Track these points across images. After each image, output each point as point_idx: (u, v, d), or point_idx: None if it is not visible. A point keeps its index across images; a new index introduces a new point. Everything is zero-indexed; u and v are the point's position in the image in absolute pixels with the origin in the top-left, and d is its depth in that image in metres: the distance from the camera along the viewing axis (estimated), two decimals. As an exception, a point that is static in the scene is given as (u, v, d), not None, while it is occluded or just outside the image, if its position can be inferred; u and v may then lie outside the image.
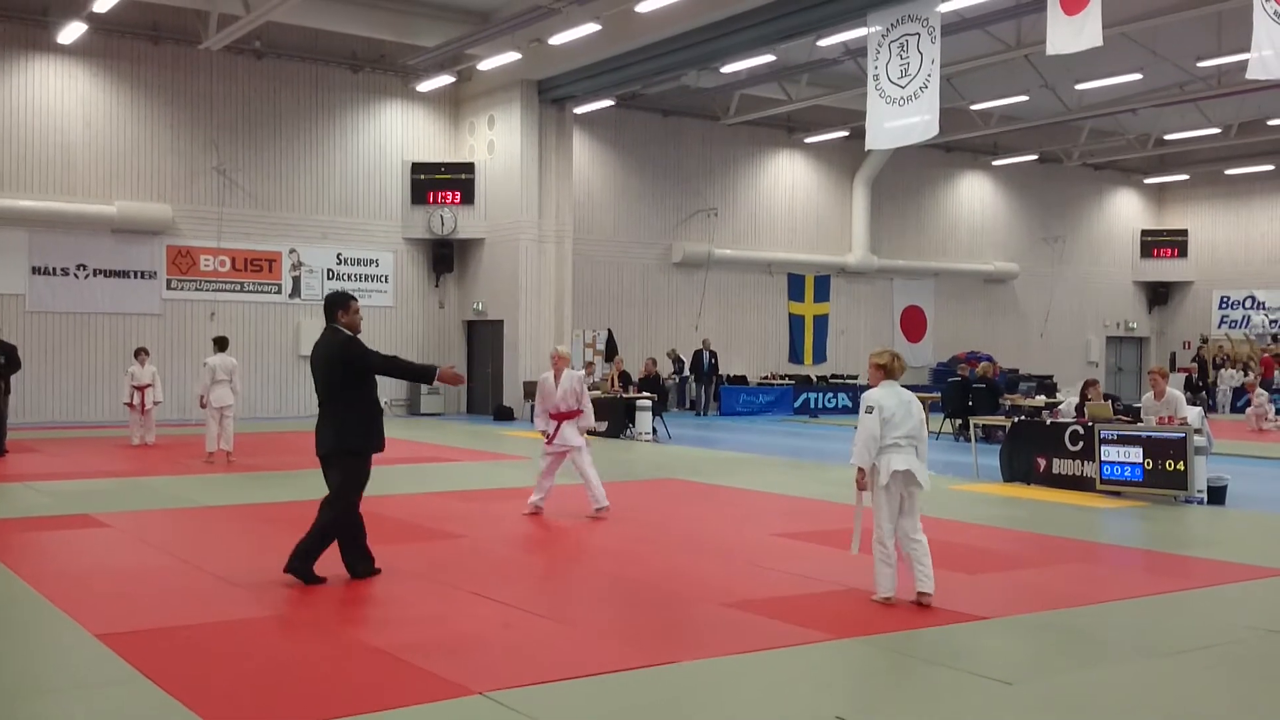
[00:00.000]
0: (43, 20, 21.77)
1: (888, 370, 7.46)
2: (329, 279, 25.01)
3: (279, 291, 24.56)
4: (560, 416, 11.14)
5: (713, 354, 27.49)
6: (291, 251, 24.67)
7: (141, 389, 17.57)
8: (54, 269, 22.24)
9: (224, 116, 23.84)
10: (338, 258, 25.15)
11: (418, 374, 8.23)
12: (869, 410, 7.27)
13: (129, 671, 5.71)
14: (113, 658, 5.94)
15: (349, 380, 7.79)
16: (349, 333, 7.88)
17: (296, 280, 24.74)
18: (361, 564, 7.91)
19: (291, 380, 24.45)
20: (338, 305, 7.94)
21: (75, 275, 22.42)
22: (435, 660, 5.89)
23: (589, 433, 11.44)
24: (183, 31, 22.63)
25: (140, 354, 17.88)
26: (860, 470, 7.29)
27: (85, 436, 19.10)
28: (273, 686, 5.56)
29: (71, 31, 21.28)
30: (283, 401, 24.47)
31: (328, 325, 7.94)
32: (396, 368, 8.12)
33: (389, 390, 25.61)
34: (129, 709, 5.31)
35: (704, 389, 27.36)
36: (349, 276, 25.25)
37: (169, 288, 23.25)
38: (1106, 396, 14.05)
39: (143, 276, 23.02)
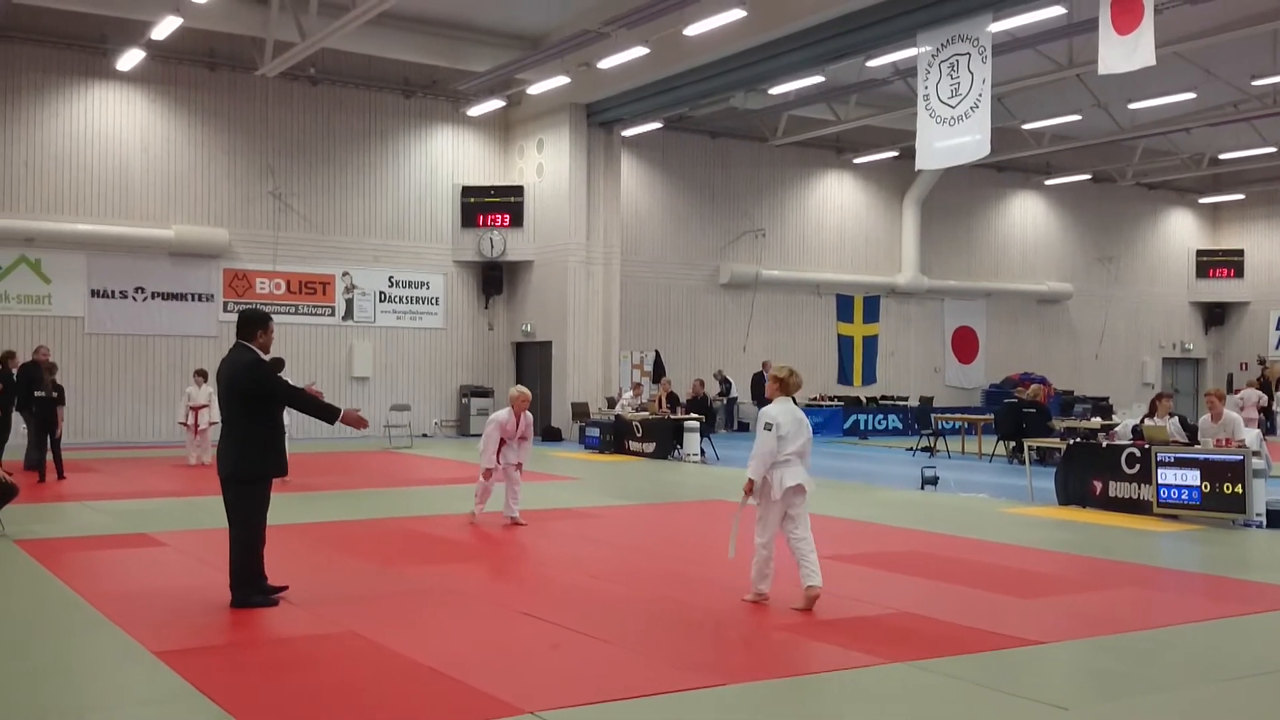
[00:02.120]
0: (102, 48, 22.25)
1: (784, 385, 7.79)
2: (381, 301, 25.29)
3: (332, 314, 24.86)
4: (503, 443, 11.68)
5: None
6: (345, 274, 24.97)
7: (197, 409, 17.88)
8: (113, 292, 22.65)
9: (279, 142, 24.22)
10: (389, 280, 25.42)
11: (322, 412, 7.83)
12: (768, 427, 7.59)
13: (186, 688, 5.79)
14: (170, 674, 6.02)
15: (251, 404, 7.59)
16: (258, 353, 7.69)
17: (349, 303, 25.03)
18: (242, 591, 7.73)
19: (345, 401, 24.60)
20: (256, 324, 7.73)
21: (133, 298, 22.82)
22: (485, 679, 5.91)
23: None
24: (239, 58, 23.05)
25: (198, 375, 18.21)
26: (750, 481, 7.66)
27: (143, 457, 19.39)
28: (326, 703, 5.61)
29: (130, 59, 21.74)
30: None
31: (238, 342, 7.72)
32: (300, 401, 7.87)
33: (439, 411, 25.82)
34: (186, 725, 5.38)
35: None
36: (400, 299, 25.51)
37: (225, 310, 23.57)
38: (1172, 414, 13.83)
39: (200, 299, 23.39)
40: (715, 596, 8.21)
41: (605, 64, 20.76)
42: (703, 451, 20.34)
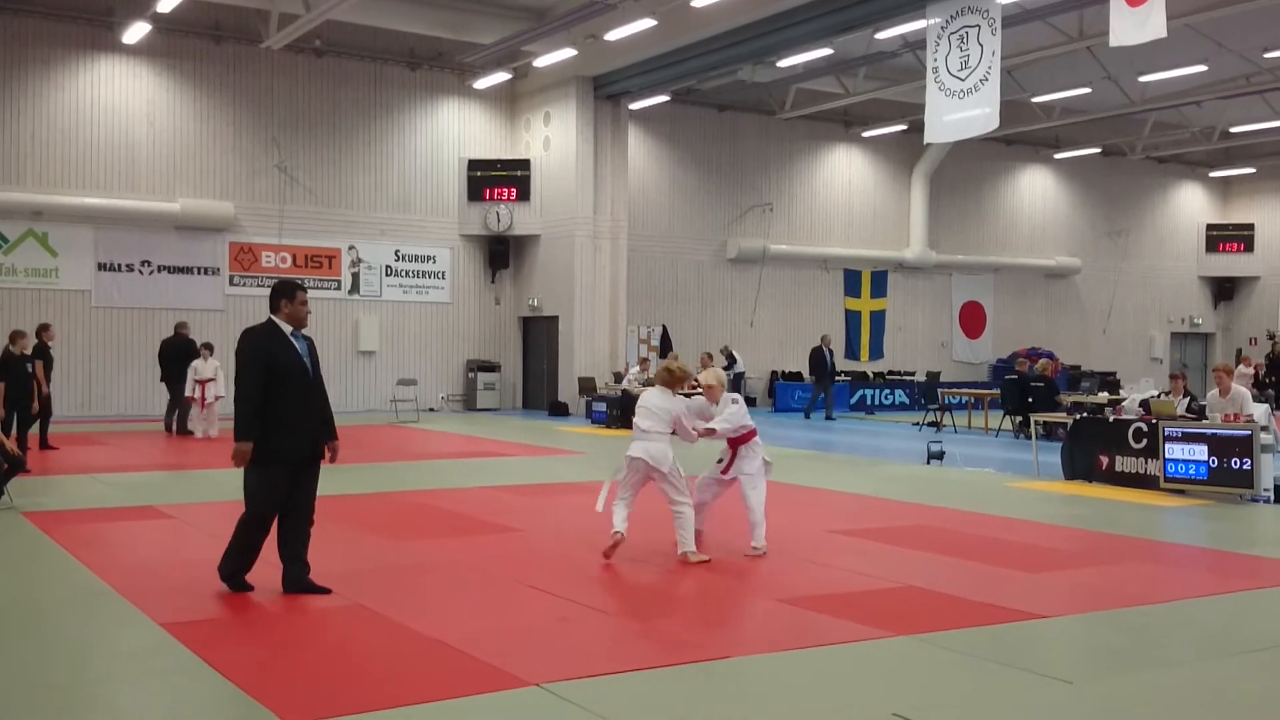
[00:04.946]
0: (108, 21, 22.16)
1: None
2: (387, 275, 25.27)
3: (338, 288, 24.84)
4: (735, 442, 9.26)
5: (830, 351, 26.09)
6: (351, 248, 24.94)
7: (204, 383, 17.94)
8: (119, 265, 22.65)
9: (284, 114, 24.14)
10: (396, 254, 25.39)
11: (238, 423, 7.10)
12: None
13: (193, 659, 5.81)
14: (177, 646, 6.04)
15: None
16: (271, 323, 7.19)
17: (356, 277, 25.00)
18: (295, 568, 7.34)
19: (351, 375, 24.74)
20: (282, 295, 7.19)
21: (140, 271, 22.82)
22: (492, 652, 5.93)
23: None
24: (244, 30, 22.94)
25: (204, 349, 18.31)
26: (713, 432, 9.03)
27: (150, 430, 19.43)
28: (333, 675, 5.63)
29: (136, 31, 21.65)
30: (343, 395, 24.67)
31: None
32: (239, 401, 7.12)
33: (446, 386, 25.84)
34: (193, 696, 5.40)
35: (826, 389, 25.60)
36: (407, 273, 25.48)
37: (231, 284, 23.57)
38: (1186, 394, 13.77)
39: (206, 272, 23.38)
40: (722, 570, 8.22)
41: (612, 36, 20.65)
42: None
